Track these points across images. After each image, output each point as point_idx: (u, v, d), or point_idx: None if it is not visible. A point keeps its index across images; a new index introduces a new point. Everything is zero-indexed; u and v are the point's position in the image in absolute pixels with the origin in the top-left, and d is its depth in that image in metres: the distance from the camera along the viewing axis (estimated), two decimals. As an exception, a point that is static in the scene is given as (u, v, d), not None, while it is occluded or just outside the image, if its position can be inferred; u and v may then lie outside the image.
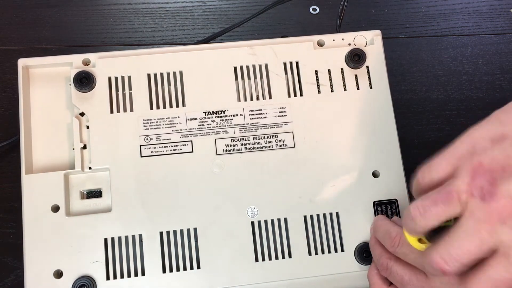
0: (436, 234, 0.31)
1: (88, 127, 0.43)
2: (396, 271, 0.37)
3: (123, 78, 0.44)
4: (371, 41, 0.46)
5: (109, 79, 0.44)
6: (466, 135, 0.30)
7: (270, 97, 0.44)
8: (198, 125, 0.43)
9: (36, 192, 0.41)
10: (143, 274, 0.40)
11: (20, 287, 0.42)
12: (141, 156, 0.42)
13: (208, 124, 0.43)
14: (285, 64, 0.45)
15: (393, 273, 0.37)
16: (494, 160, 0.28)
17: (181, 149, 0.43)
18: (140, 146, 0.43)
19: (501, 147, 0.28)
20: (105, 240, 0.41)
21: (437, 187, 0.31)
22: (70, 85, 0.43)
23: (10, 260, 0.48)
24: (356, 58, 0.45)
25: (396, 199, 0.43)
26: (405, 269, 0.36)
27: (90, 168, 0.42)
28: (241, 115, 0.44)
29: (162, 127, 0.43)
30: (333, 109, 0.44)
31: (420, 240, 0.33)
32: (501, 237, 0.27)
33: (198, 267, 0.41)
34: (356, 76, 0.45)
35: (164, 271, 0.40)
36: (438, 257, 0.29)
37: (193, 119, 0.43)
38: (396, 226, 0.38)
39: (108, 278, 0.40)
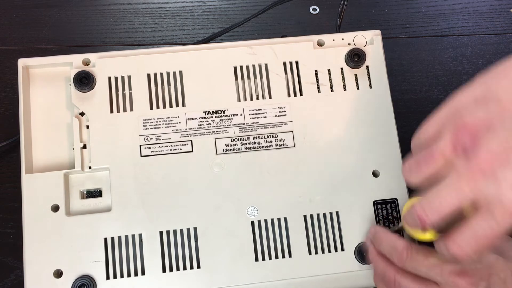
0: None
1: (88, 127, 0.43)
2: (406, 285, 0.36)
3: (123, 78, 0.44)
4: (370, 41, 0.46)
5: (109, 79, 0.44)
6: (451, 100, 0.31)
7: (270, 97, 0.44)
8: (198, 125, 0.43)
9: (36, 192, 0.41)
10: (143, 273, 0.40)
11: (20, 287, 0.42)
12: (141, 156, 0.42)
13: (208, 124, 0.43)
14: (285, 64, 0.45)
15: (402, 287, 0.36)
16: (477, 119, 0.29)
17: (181, 149, 0.43)
18: (140, 145, 0.43)
19: (485, 107, 0.29)
20: (105, 239, 0.41)
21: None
22: (70, 85, 0.43)
23: (10, 260, 0.48)
24: (356, 57, 0.45)
25: (396, 199, 0.43)
26: (415, 282, 0.35)
27: (90, 167, 0.42)
28: (241, 114, 0.44)
29: (162, 127, 0.43)
30: (333, 108, 0.44)
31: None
32: (483, 192, 0.28)
33: (198, 266, 0.41)
34: (356, 75, 0.45)
35: (164, 271, 0.40)
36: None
37: (193, 118, 0.43)
38: (400, 238, 0.37)
39: (108, 278, 0.40)
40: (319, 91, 0.45)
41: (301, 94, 0.45)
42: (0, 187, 0.51)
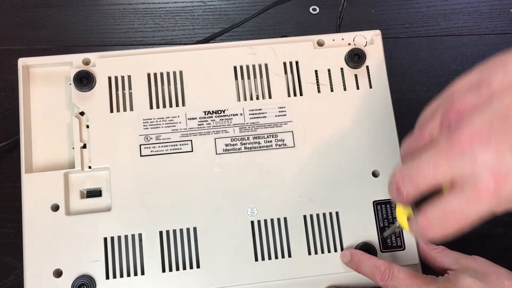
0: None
1: (88, 126, 0.43)
2: None
3: (123, 77, 0.44)
4: (370, 41, 0.46)
5: (109, 78, 0.44)
6: (447, 89, 0.32)
7: (270, 97, 0.44)
8: (198, 125, 0.43)
9: (36, 191, 0.41)
10: (142, 273, 0.40)
11: (20, 287, 0.42)
12: (141, 156, 0.42)
13: (208, 124, 0.43)
14: (285, 63, 0.45)
15: None
16: (466, 101, 0.29)
17: (180, 149, 0.43)
18: (140, 145, 0.43)
19: (476, 91, 0.29)
20: (105, 239, 0.41)
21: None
22: (70, 84, 0.43)
23: (10, 260, 0.48)
24: (356, 57, 0.45)
25: (396, 199, 0.43)
26: None
27: (90, 167, 0.42)
28: (241, 114, 0.44)
29: (162, 127, 0.43)
30: (333, 108, 0.44)
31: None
32: (460, 169, 0.28)
33: (198, 266, 0.41)
34: (356, 75, 0.45)
35: (163, 271, 0.40)
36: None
37: (193, 118, 0.43)
38: (381, 259, 0.39)
39: (107, 277, 0.40)
40: (319, 91, 0.45)
41: (301, 94, 0.45)
42: (0, 187, 0.51)
